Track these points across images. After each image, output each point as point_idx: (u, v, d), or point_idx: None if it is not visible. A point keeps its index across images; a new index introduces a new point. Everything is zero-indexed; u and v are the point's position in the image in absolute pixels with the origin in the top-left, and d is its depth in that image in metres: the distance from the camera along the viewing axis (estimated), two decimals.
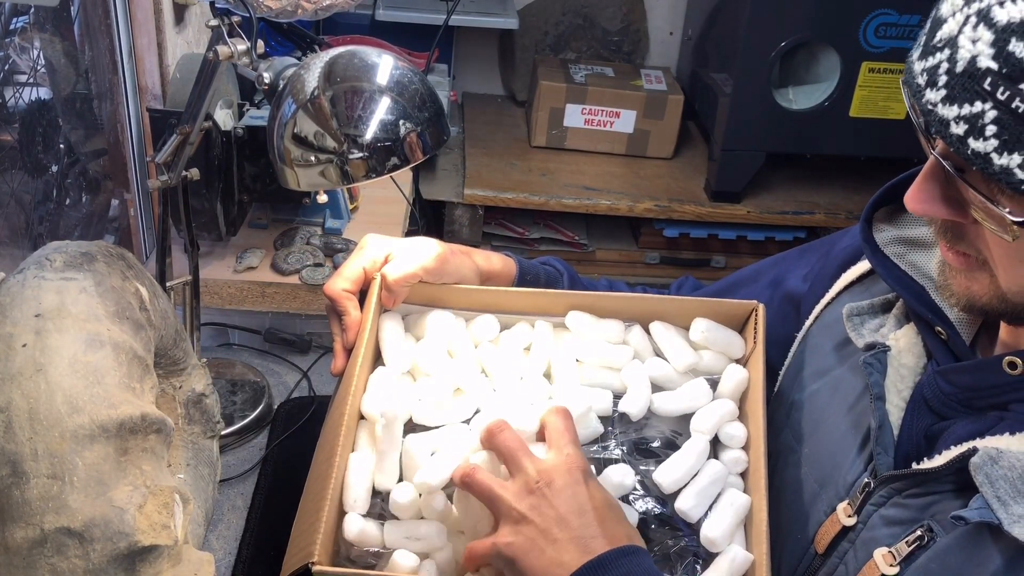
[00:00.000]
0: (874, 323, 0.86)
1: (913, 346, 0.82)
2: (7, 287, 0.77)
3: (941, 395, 0.77)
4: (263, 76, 0.96)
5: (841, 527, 0.80)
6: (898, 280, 0.83)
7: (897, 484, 0.76)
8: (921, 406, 0.79)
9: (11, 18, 1.28)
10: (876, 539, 0.77)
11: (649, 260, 2.48)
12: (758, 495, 0.82)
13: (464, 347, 0.93)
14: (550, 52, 2.67)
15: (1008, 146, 0.60)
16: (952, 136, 0.62)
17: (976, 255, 0.71)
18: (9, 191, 1.25)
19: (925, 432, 0.78)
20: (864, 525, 0.78)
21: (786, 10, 2.12)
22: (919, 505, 0.75)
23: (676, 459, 0.84)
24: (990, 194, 0.63)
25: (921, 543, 0.73)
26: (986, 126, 0.60)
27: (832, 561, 0.80)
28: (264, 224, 1.60)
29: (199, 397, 1.04)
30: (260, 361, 1.47)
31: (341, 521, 0.81)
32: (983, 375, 0.75)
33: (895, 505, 0.76)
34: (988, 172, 0.61)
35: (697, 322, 0.93)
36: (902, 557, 0.74)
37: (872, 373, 0.81)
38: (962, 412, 0.76)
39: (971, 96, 0.61)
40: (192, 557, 0.77)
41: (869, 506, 0.78)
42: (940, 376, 0.77)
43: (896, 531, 0.75)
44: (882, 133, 2.25)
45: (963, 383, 0.76)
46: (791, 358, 0.97)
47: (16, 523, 0.69)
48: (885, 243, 0.85)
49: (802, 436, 0.89)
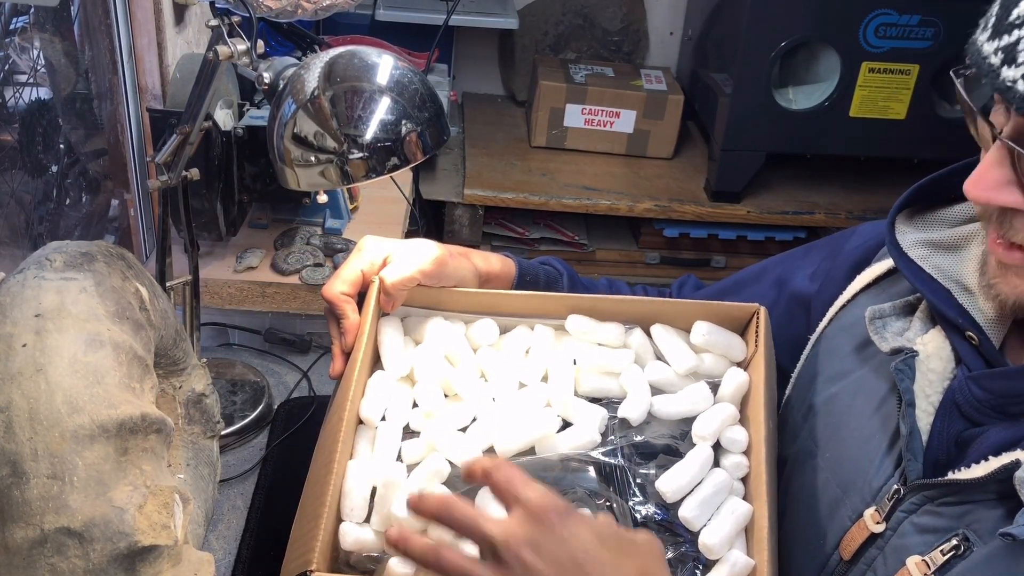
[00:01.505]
0: (897, 326, 0.84)
1: (941, 350, 0.80)
2: (7, 287, 0.77)
3: (974, 401, 0.76)
4: (263, 76, 0.96)
5: (869, 534, 0.79)
6: (925, 283, 0.81)
7: (930, 492, 0.75)
8: (952, 412, 0.78)
9: (11, 18, 1.28)
10: (907, 547, 0.75)
11: (649, 260, 2.47)
12: (759, 501, 0.82)
13: (463, 353, 0.93)
14: (550, 52, 2.67)
15: None
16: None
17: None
18: (9, 191, 1.25)
19: (956, 438, 0.77)
20: (894, 532, 0.77)
21: (786, 10, 2.12)
22: (954, 514, 0.74)
23: (679, 468, 0.84)
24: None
25: (957, 552, 0.72)
26: None
27: (859, 568, 0.79)
28: (264, 224, 1.60)
29: (199, 397, 1.04)
30: (260, 361, 1.47)
31: (340, 527, 0.81)
32: (1018, 381, 0.74)
33: (928, 513, 0.75)
34: None
35: (698, 325, 0.93)
36: (936, 566, 0.72)
37: (903, 379, 0.80)
38: (995, 418, 0.75)
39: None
40: (192, 557, 0.77)
41: (899, 513, 0.77)
42: (973, 382, 0.76)
43: (929, 539, 0.74)
44: (882, 133, 2.25)
45: (998, 389, 0.75)
46: (804, 361, 0.96)
47: (16, 523, 0.69)
48: (908, 246, 0.84)
49: (822, 440, 0.88)
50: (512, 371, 0.91)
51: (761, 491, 0.82)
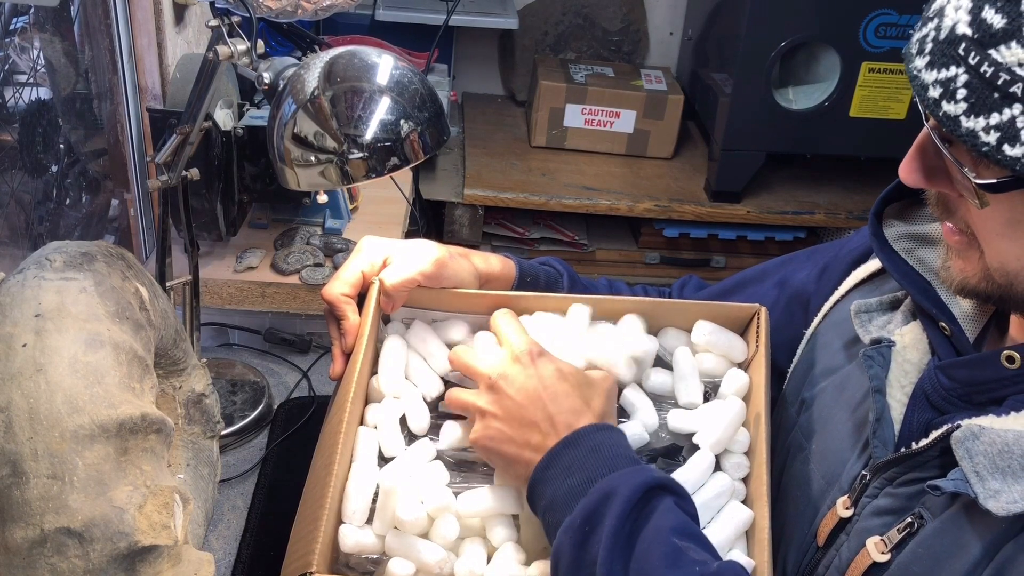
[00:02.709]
0: (881, 320, 0.86)
1: (918, 342, 0.82)
2: (7, 287, 0.77)
3: (941, 390, 0.77)
4: (263, 76, 0.96)
5: (839, 519, 0.81)
6: (904, 275, 0.83)
7: (888, 474, 0.77)
8: (921, 401, 0.79)
9: (11, 18, 1.28)
10: (869, 529, 0.78)
11: (649, 260, 2.47)
12: (760, 502, 0.82)
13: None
14: (550, 52, 2.67)
15: (975, 109, 0.62)
16: (929, 100, 0.65)
17: (965, 229, 0.72)
18: (9, 191, 1.25)
19: (926, 427, 0.78)
20: (859, 516, 0.79)
21: (786, 10, 2.12)
22: (909, 494, 0.75)
23: (681, 473, 0.84)
24: (970, 165, 0.65)
25: (911, 530, 0.74)
26: (957, 90, 0.63)
27: (830, 553, 0.81)
28: (264, 224, 1.60)
29: (199, 397, 1.04)
30: (260, 361, 1.47)
31: (339, 529, 0.81)
32: (981, 369, 0.75)
33: (887, 495, 0.77)
34: (956, 135, 0.63)
35: (699, 325, 0.93)
36: (893, 544, 0.75)
37: (872, 366, 0.81)
38: (961, 407, 0.76)
39: (947, 61, 0.64)
40: (192, 557, 0.77)
41: (864, 498, 0.79)
42: (940, 371, 0.78)
43: (888, 520, 0.76)
44: (882, 133, 2.26)
45: (962, 377, 0.76)
46: (799, 356, 0.97)
47: (16, 523, 0.69)
48: (894, 238, 0.86)
49: (810, 433, 0.89)
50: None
51: (762, 491, 0.82)
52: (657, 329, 0.95)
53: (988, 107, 0.61)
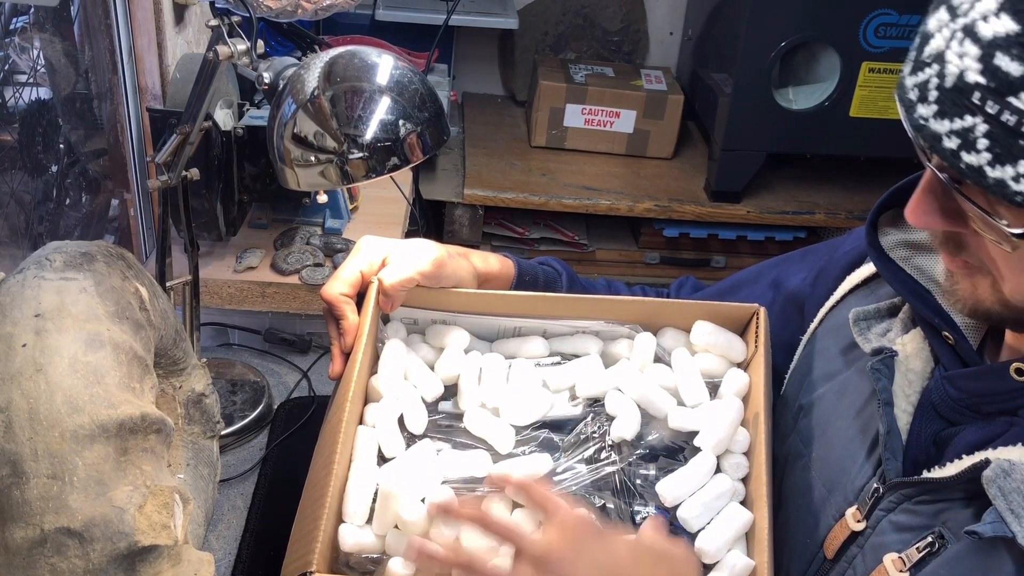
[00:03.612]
0: (880, 327, 0.85)
1: (920, 351, 0.81)
2: (7, 287, 0.77)
3: (949, 400, 0.77)
4: (263, 76, 0.96)
5: (850, 532, 0.79)
6: (904, 284, 0.82)
7: (907, 490, 0.76)
8: (930, 411, 0.78)
9: (11, 18, 1.28)
10: (885, 544, 0.76)
11: (649, 260, 2.47)
12: (760, 502, 0.82)
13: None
14: (550, 52, 2.67)
15: (1001, 159, 0.60)
16: (945, 151, 0.63)
17: (978, 264, 0.71)
18: (9, 191, 1.25)
19: (934, 438, 0.78)
20: (873, 530, 0.78)
21: (786, 10, 2.12)
22: (930, 512, 0.74)
23: (682, 474, 0.84)
24: (987, 206, 0.63)
25: (932, 550, 0.72)
26: (977, 139, 0.61)
27: (841, 566, 0.80)
28: (264, 224, 1.60)
29: (199, 397, 1.04)
30: (260, 361, 1.47)
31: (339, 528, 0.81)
32: (991, 381, 0.74)
33: (905, 511, 0.76)
34: (983, 185, 0.61)
35: (699, 325, 0.93)
36: (912, 563, 0.73)
37: (880, 379, 0.80)
38: (971, 417, 0.76)
39: (961, 110, 0.61)
40: (192, 557, 0.77)
41: (878, 511, 0.78)
42: (948, 382, 0.77)
43: (906, 537, 0.75)
44: (882, 133, 2.25)
45: (971, 389, 0.75)
46: (797, 361, 0.97)
47: (16, 523, 0.69)
48: (891, 247, 0.85)
49: (810, 440, 0.89)
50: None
51: (761, 492, 0.82)
52: (656, 329, 0.96)
53: (1014, 155, 0.59)
